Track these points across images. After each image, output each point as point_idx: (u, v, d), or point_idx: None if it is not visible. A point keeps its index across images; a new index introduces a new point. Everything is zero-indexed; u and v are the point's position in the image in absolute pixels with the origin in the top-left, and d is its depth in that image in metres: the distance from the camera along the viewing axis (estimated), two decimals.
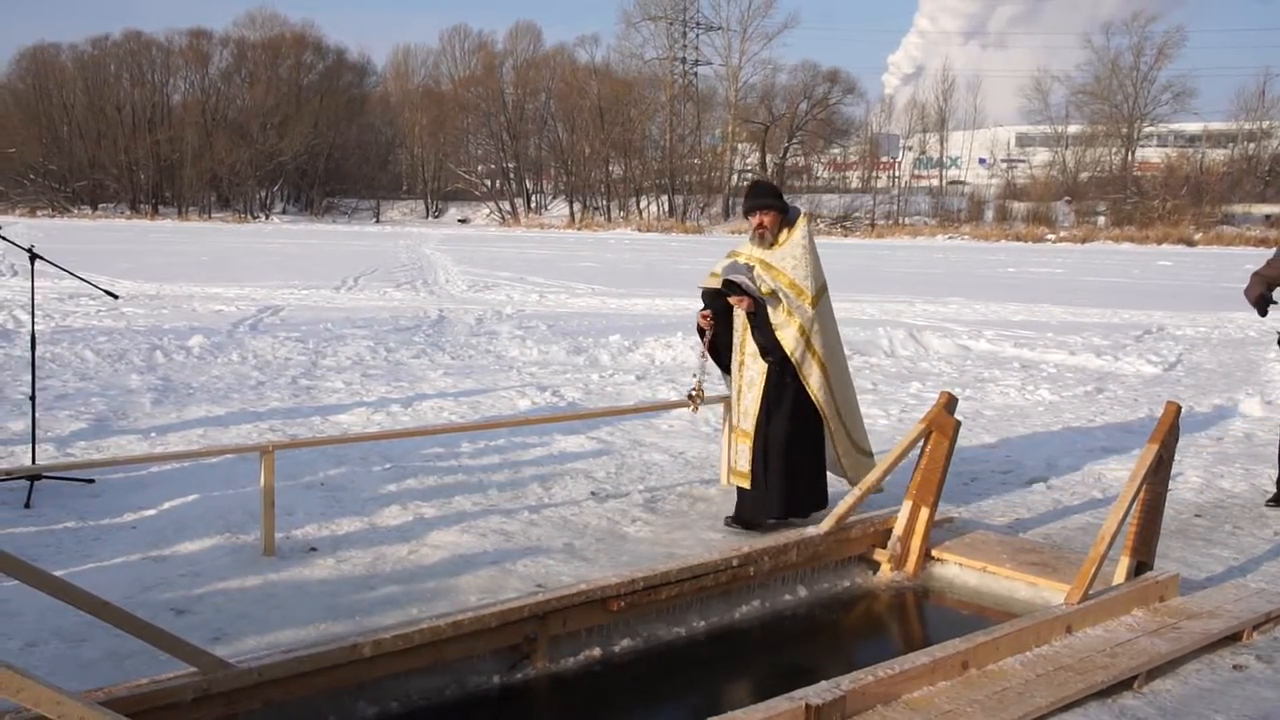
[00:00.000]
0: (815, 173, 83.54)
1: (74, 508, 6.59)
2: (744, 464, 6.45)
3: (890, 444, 8.23)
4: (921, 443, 6.00)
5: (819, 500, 6.48)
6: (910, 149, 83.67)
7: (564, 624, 4.75)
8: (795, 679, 4.02)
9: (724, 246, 6.33)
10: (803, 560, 5.70)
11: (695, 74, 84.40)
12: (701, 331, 6.66)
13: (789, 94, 78.76)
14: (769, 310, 6.27)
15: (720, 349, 6.69)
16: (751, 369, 6.43)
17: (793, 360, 6.25)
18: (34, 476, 6.80)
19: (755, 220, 6.40)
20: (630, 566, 5.50)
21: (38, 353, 7.74)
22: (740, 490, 6.53)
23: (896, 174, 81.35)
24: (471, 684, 4.50)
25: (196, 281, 23.14)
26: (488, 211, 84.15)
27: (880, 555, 6.01)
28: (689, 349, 13.59)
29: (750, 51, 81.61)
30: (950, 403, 6.01)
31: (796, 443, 6.38)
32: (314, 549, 5.95)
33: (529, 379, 11.72)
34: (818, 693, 3.83)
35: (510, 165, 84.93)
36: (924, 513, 5.96)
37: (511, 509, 6.77)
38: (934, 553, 5.99)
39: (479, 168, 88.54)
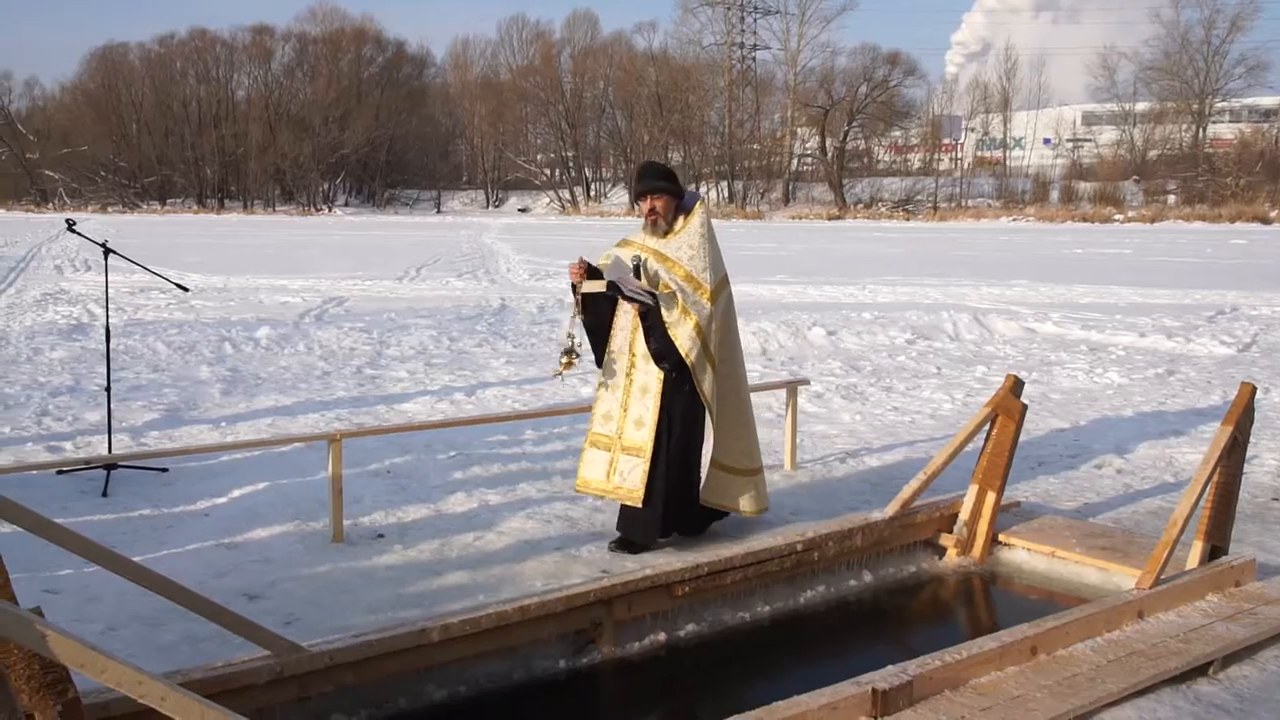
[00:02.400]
0: (876, 156, 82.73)
1: (149, 496, 6.74)
2: (636, 481, 5.66)
3: (955, 428, 8.17)
4: (987, 427, 5.94)
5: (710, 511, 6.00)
6: (973, 130, 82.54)
7: (629, 609, 4.77)
8: (861, 664, 4.01)
9: (784, 232, 6.19)
10: (867, 545, 5.67)
11: (754, 59, 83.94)
12: (574, 287, 5.82)
13: (848, 77, 77.95)
14: (663, 307, 5.58)
15: (597, 334, 5.94)
16: (645, 374, 5.72)
17: (688, 362, 5.58)
18: (110, 466, 6.96)
19: (646, 205, 5.80)
20: (694, 552, 5.51)
21: (112, 345, 7.91)
22: (623, 508, 5.82)
23: (959, 156, 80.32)
24: (538, 668, 4.54)
25: (263, 274, 23.47)
26: (548, 200, 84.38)
27: (946, 540, 5.96)
28: (750, 334, 13.55)
29: (809, 35, 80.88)
30: (1016, 386, 5.95)
31: (694, 455, 5.85)
32: (381, 536, 6.03)
33: (591, 366, 11.73)
34: (884, 678, 3.81)
35: (569, 154, 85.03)
36: (990, 497, 5.90)
37: (576, 496, 6.79)
38: (1001, 537, 5.93)
39: (538, 157, 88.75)
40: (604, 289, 5.66)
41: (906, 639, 5.19)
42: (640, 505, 5.69)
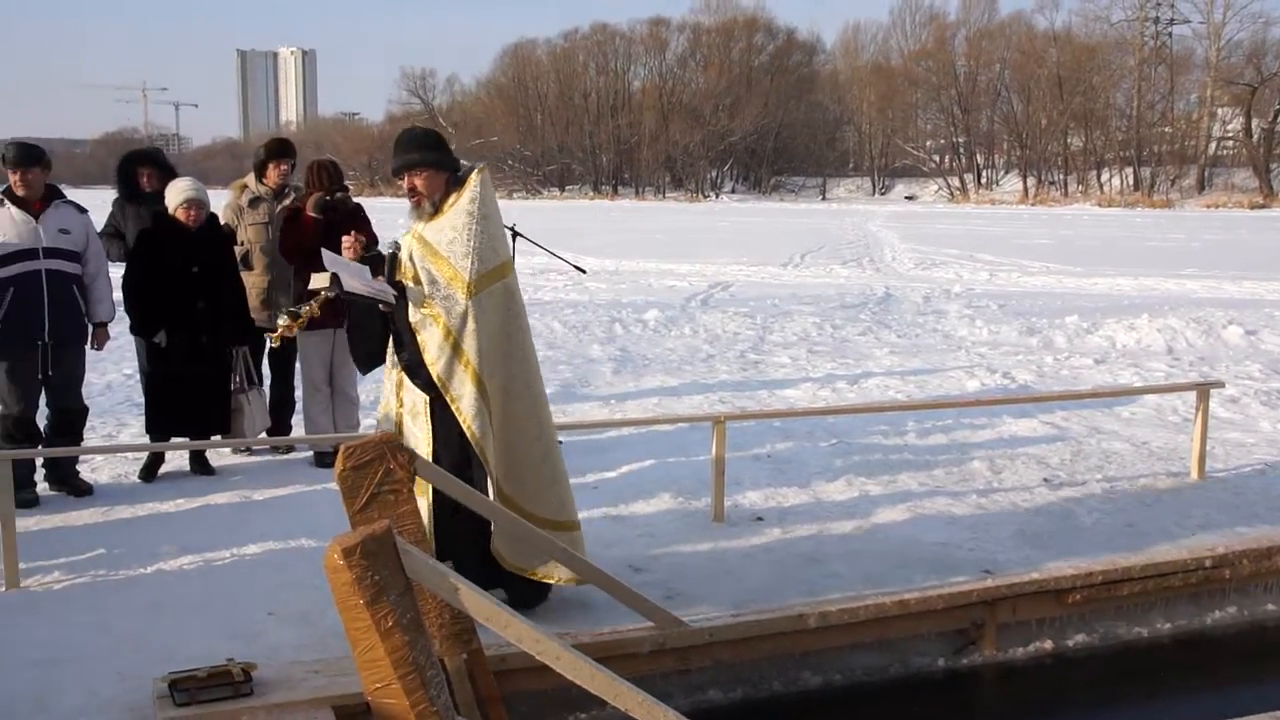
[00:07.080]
0: None
1: None
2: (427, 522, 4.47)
3: None
4: None
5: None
6: None
7: (1013, 612, 4.59)
8: (1278, 699, 3.63)
9: (1196, 221, 5.63)
10: None
11: (1169, 34, 77.99)
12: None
13: None
14: (411, 307, 4.51)
15: (361, 334, 4.82)
16: (412, 392, 4.67)
17: (433, 374, 4.48)
18: None
19: (405, 183, 4.66)
20: (1086, 559, 5.19)
21: None
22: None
23: None
24: (915, 664, 4.45)
25: (652, 258, 24.39)
26: (935, 188, 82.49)
27: None
28: (1155, 331, 12.63)
29: (1236, 4, 74.14)
30: None
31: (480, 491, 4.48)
32: (760, 519, 6.09)
33: (978, 359, 11.37)
34: None
35: (960, 139, 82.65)
36: None
37: (959, 491, 6.60)
38: None
39: (927, 143, 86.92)
40: (328, 285, 4.44)
41: None
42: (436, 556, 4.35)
